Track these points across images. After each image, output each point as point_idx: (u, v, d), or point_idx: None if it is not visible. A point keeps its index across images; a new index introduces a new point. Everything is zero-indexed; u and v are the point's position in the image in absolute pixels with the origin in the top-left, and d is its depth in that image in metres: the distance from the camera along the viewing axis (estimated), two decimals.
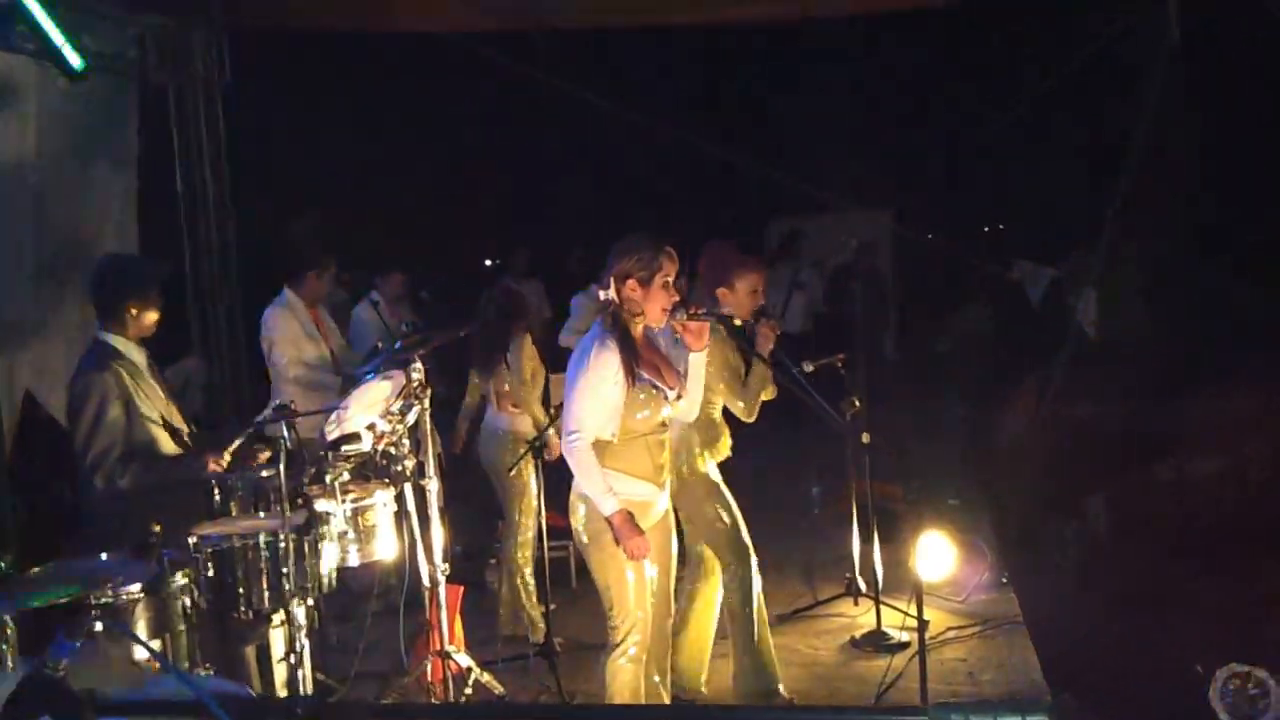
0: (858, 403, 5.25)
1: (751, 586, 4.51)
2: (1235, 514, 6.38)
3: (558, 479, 4.11)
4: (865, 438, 5.14)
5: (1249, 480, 6.85)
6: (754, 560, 4.52)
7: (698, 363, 3.84)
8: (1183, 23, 7.51)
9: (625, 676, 3.68)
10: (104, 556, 3.36)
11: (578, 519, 3.74)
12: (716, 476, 4.59)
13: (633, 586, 3.64)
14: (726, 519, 4.50)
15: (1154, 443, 7.66)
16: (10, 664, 2.61)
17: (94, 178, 6.40)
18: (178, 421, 4.20)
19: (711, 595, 4.69)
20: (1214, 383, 8.15)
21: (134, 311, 4.05)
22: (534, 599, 5.42)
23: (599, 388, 3.59)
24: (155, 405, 4.09)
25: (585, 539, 3.72)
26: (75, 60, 5.23)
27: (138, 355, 4.12)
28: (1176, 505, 6.75)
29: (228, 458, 4.09)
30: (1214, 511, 6.49)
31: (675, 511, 4.17)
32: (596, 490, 3.58)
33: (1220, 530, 6.16)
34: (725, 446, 4.65)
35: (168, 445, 4.10)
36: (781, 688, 4.56)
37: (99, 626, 1.98)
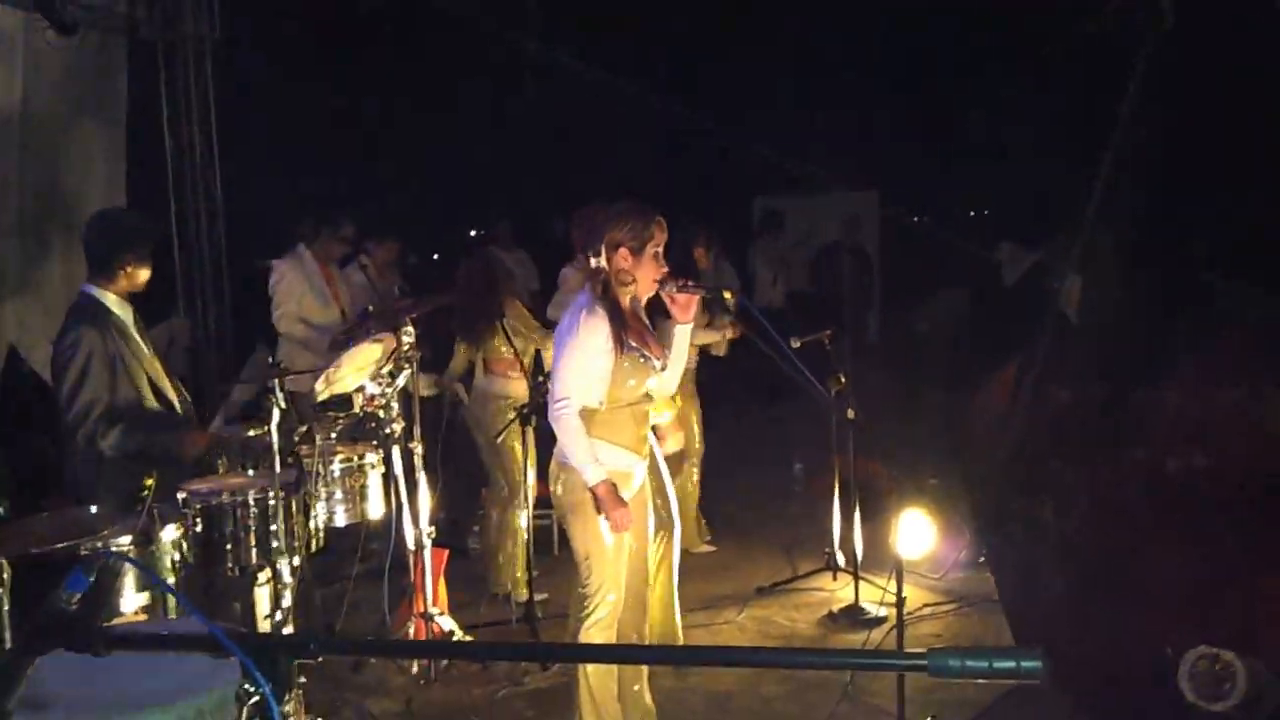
0: (843, 379, 5.28)
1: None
2: (1209, 499, 6.46)
3: (545, 447, 4.12)
4: (850, 414, 5.17)
5: (1223, 466, 6.94)
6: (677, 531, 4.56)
7: (683, 334, 3.83)
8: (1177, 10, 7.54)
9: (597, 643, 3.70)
10: (93, 509, 3.37)
11: (558, 488, 3.74)
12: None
13: (610, 555, 3.65)
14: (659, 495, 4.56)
15: (1131, 427, 7.75)
16: (5, 607, 2.62)
17: (81, 132, 6.35)
18: (164, 381, 4.15)
19: (669, 551, 4.71)
20: (1190, 371, 8.25)
21: (127, 268, 4.00)
22: (520, 563, 5.46)
23: (587, 355, 3.59)
24: (141, 364, 4.05)
25: (565, 508, 3.72)
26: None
27: (125, 312, 4.06)
28: (1151, 489, 6.83)
29: (205, 440, 4.06)
30: (1189, 496, 6.58)
31: None
32: (582, 459, 3.58)
33: (1194, 515, 6.25)
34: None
35: (152, 406, 4.06)
36: None
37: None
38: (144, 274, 4.08)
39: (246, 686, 1.90)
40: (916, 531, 5.65)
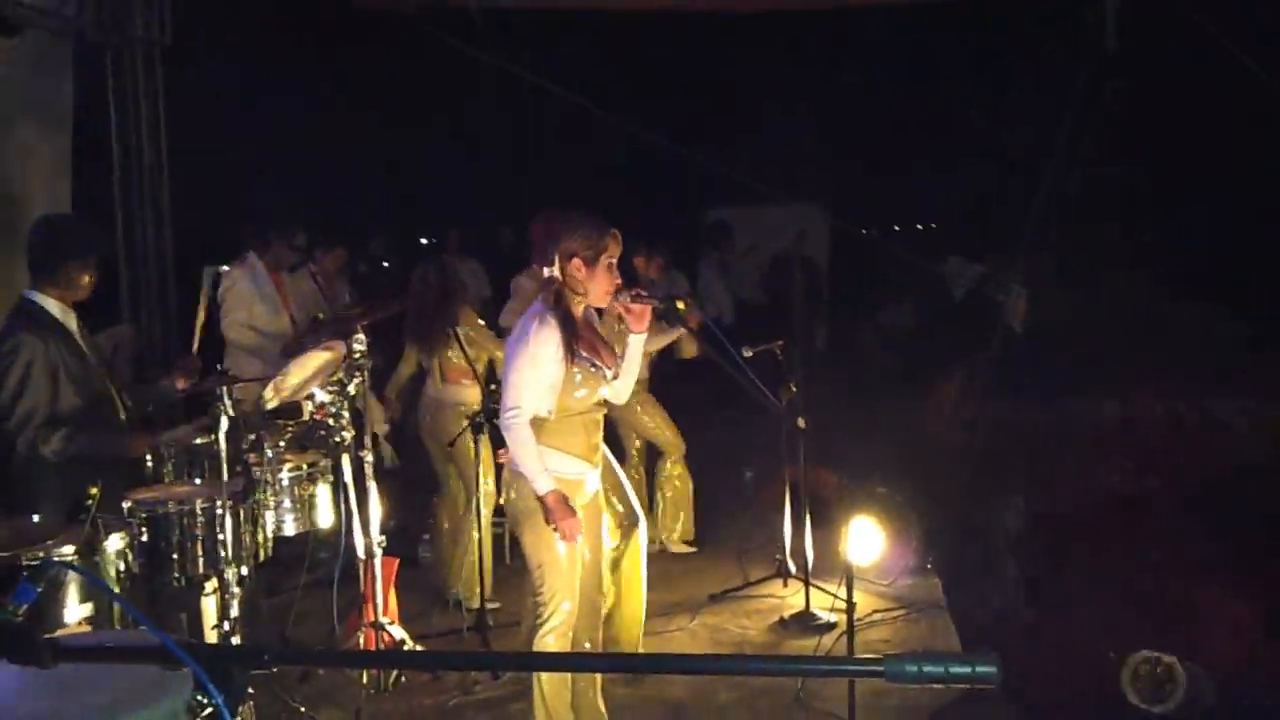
0: (793, 388, 5.33)
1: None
2: (1150, 508, 6.61)
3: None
4: (801, 422, 5.21)
5: (1163, 476, 7.10)
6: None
7: (636, 344, 3.86)
8: (1119, 35, 7.74)
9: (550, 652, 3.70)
10: (36, 518, 3.31)
11: (510, 495, 3.74)
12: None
13: (564, 564, 3.66)
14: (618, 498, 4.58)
15: (1073, 438, 7.91)
16: None
17: (24, 137, 6.22)
18: (106, 388, 4.08)
19: (636, 559, 4.73)
20: (1129, 384, 8.44)
21: (72, 274, 3.93)
22: (472, 572, 5.43)
23: (538, 364, 3.60)
24: (84, 371, 3.98)
25: (517, 516, 3.73)
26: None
27: (68, 318, 3.98)
28: (1094, 498, 6.97)
29: (153, 441, 4.01)
30: (1129, 505, 6.73)
31: None
32: (532, 468, 3.58)
33: (1136, 523, 6.38)
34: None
35: (94, 412, 3.99)
36: None
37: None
38: (88, 281, 4.01)
39: (199, 698, 1.88)
40: (866, 539, 5.71)
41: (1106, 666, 4.46)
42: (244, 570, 3.78)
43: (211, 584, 3.80)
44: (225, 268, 5.92)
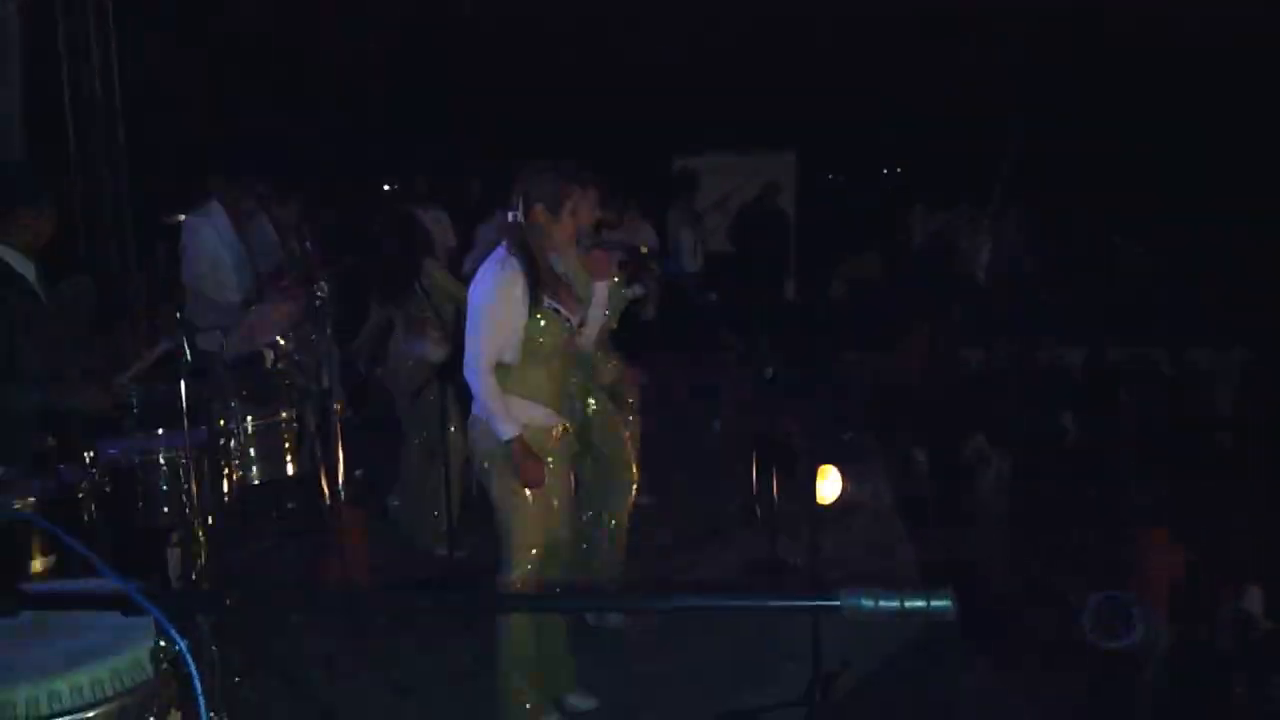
0: (761, 338, 5.35)
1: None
2: (1114, 454, 6.72)
3: (466, 404, 4.10)
4: (768, 372, 5.22)
5: (1126, 421, 7.22)
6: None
7: (601, 291, 3.84)
8: None
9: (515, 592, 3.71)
10: None
11: (476, 444, 3.73)
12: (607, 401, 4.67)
13: (530, 512, 3.66)
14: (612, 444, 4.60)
15: (1039, 386, 8.01)
16: None
17: None
18: (68, 341, 4.01)
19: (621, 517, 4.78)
20: (1096, 332, 8.54)
21: (25, 220, 3.84)
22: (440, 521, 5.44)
23: (502, 310, 3.56)
24: (43, 322, 3.91)
25: (484, 464, 3.71)
26: None
27: (27, 269, 3.89)
28: (1059, 445, 7.08)
29: (110, 393, 3.95)
30: (1094, 451, 6.84)
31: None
32: (497, 414, 3.56)
33: (1099, 468, 6.49)
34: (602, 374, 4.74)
35: (53, 364, 3.92)
36: None
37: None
38: (45, 228, 3.92)
39: (163, 644, 1.87)
40: (830, 485, 5.77)
41: (1066, 605, 4.56)
42: (210, 521, 3.76)
43: (177, 535, 3.77)
44: (186, 217, 5.83)
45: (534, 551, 3.67)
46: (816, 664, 3.90)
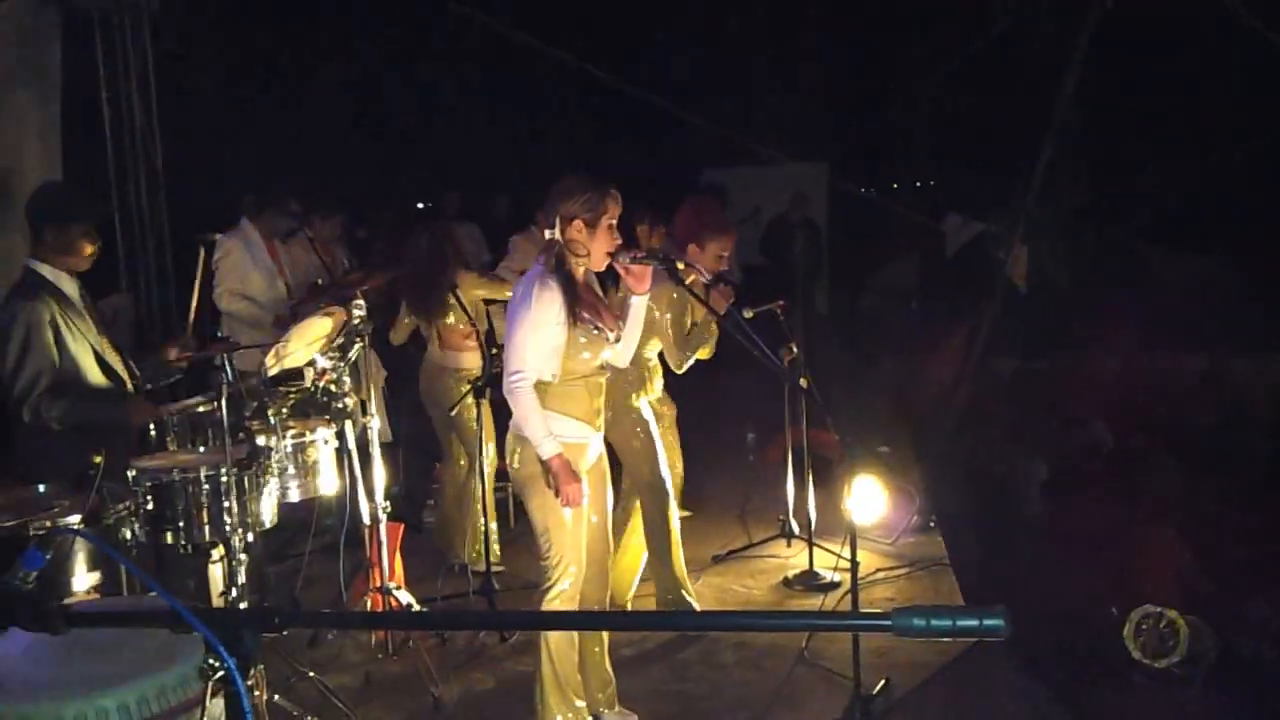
0: (795, 349, 5.32)
1: (669, 519, 4.65)
2: (1153, 465, 6.62)
3: (502, 419, 4.11)
4: (803, 383, 5.20)
5: (1166, 432, 7.11)
6: (670, 497, 4.67)
7: (638, 306, 3.83)
8: None
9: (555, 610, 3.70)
10: (41, 488, 3.30)
11: (514, 461, 3.73)
12: (648, 414, 4.66)
13: (569, 528, 3.65)
14: (647, 457, 4.59)
15: (1074, 394, 7.92)
16: None
17: (14, 104, 6.17)
18: (111, 355, 4.08)
19: (639, 523, 4.80)
20: (1129, 341, 8.45)
21: (72, 239, 3.90)
22: (476, 536, 5.45)
23: (541, 328, 3.57)
24: (87, 338, 3.97)
25: (523, 481, 3.71)
26: None
27: (70, 286, 3.97)
28: (1097, 455, 6.99)
29: (152, 407, 4.00)
30: (1134, 461, 6.74)
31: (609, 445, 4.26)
32: (537, 432, 3.57)
33: (1139, 479, 6.40)
34: (655, 388, 4.73)
35: (98, 379, 3.99)
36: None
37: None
38: (90, 249, 3.99)
39: (210, 662, 1.87)
40: (868, 498, 5.73)
41: (1110, 621, 4.48)
42: (249, 537, 3.77)
43: (217, 551, 3.79)
44: (219, 235, 5.87)
45: (573, 568, 3.66)
46: (857, 682, 3.87)
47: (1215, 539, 5.47)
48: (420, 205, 13.54)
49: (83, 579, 3.04)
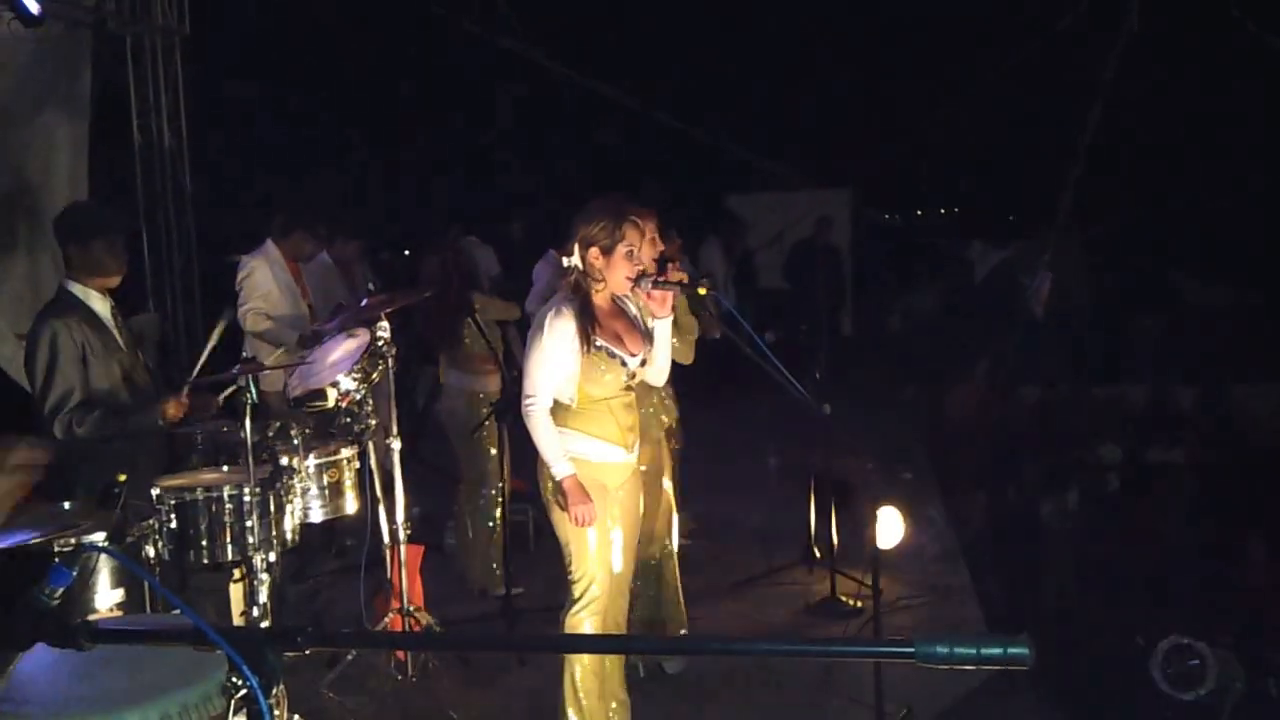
0: (818, 374, 5.31)
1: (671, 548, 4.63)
2: (1180, 494, 6.55)
3: (520, 442, 4.11)
4: (826, 408, 5.18)
5: (1192, 462, 7.04)
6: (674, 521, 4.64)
7: (663, 329, 3.84)
8: (1143, 14, 7.66)
9: (584, 633, 3.70)
10: (67, 505, 3.33)
11: (544, 477, 3.74)
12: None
13: (593, 545, 3.66)
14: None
15: (1098, 424, 7.86)
16: None
17: (44, 126, 6.26)
18: (140, 375, 4.11)
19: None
20: (1157, 367, 8.38)
21: (99, 255, 3.95)
22: (496, 558, 5.45)
23: (554, 354, 3.60)
24: (115, 358, 4.00)
25: (549, 497, 3.73)
26: (34, 6, 5.10)
27: (100, 304, 4.02)
28: (1122, 483, 6.92)
29: (185, 402, 4.01)
30: (1159, 491, 6.67)
31: None
32: (550, 453, 3.60)
33: (1165, 509, 6.33)
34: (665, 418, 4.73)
35: (125, 398, 4.02)
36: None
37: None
38: (115, 264, 4.02)
39: (233, 680, 1.87)
40: (891, 525, 5.68)
41: (1136, 652, 4.42)
42: (271, 557, 3.79)
43: (239, 570, 3.82)
44: (243, 257, 5.92)
45: (594, 586, 3.66)
46: (879, 710, 3.83)
47: (1244, 569, 5.40)
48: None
49: (107, 596, 3.05)
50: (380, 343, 4.45)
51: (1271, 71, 8.76)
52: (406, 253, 10.59)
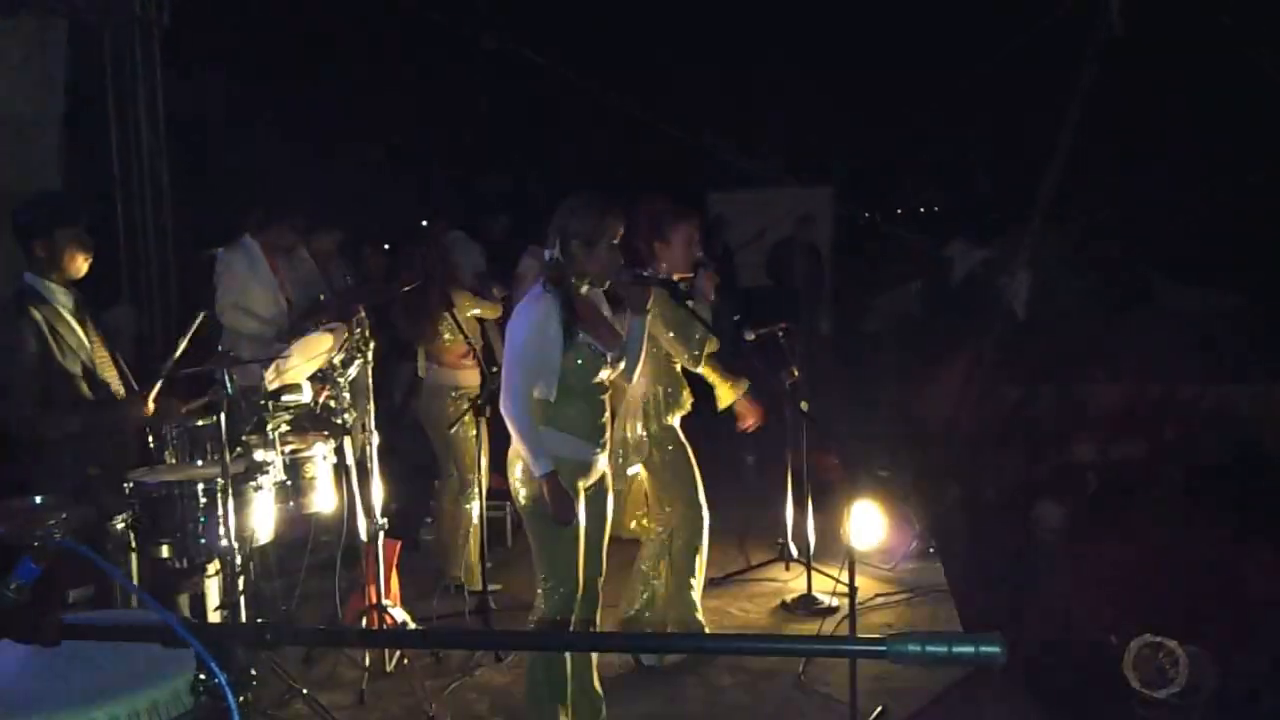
0: (796, 372, 5.32)
1: (698, 545, 4.59)
2: (1152, 492, 6.60)
3: (499, 438, 4.10)
4: (804, 405, 5.19)
5: (1166, 460, 7.09)
6: (705, 521, 4.60)
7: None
8: (1125, 16, 7.70)
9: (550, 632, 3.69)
10: (38, 499, 3.29)
11: (515, 477, 3.72)
12: (679, 434, 4.65)
13: (564, 546, 3.64)
14: (686, 477, 4.58)
15: (1076, 421, 7.90)
16: None
17: (19, 119, 6.19)
18: (107, 370, 4.01)
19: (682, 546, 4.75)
20: (1132, 367, 8.43)
21: (60, 245, 3.82)
22: (473, 555, 5.43)
23: (536, 345, 3.57)
24: (79, 354, 3.86)
25: (522, 498, 3.71)
26: None
27: (64, 298, 3.88)
28: (1097, 482, 6.96)
29: (152, 404, 3.94)
30: (1132, 489, 6.72)
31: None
32: (531, 450, 3.56)
33: (1137, 507, 6.37)
34: (687, 402, 4.69)
35: (89, 394, 3.91)
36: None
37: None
38: (82, 255, 3.89)
39: (202, 677, 1.86)
40: (868, 522, 5.71)
41: (1108, 650, 4.45)
42: (245, 552, 3.76)
43: (213, 566, 3.79)
44: (221, 251, 5.87)
45: (565, 587, 3.65)
46: (853, 708, 3.84)
47: (1216, 567, 5.44)
48: (424, 222, 13.56)
49: (76, 592, 3.03)
50: (358, 336, 4.44)
51: (1252, 74, 8.83)
52: (386, 247, 10.52)
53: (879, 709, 4.11)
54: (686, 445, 4.65)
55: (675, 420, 4.62)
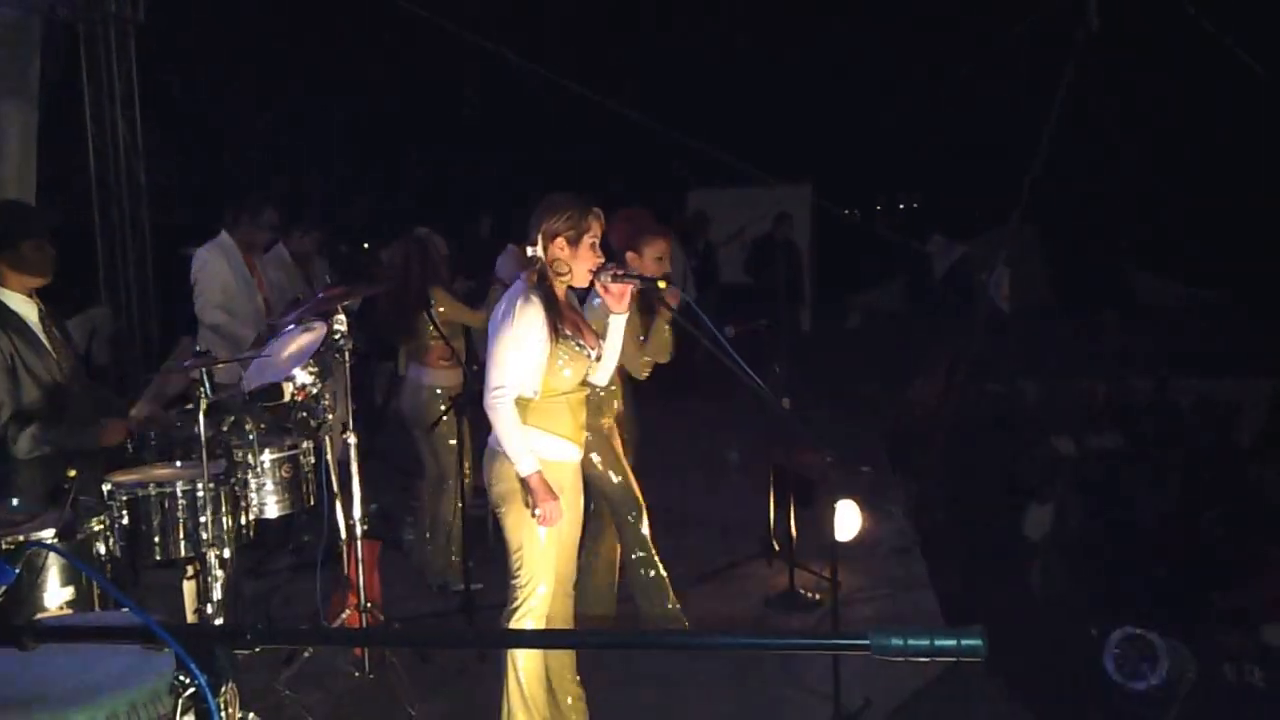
0: (778, 369, 5.32)
1: (643, 535, 4.61)
2: (1131, 486, 6.65)
3: (480, 437, 4.09)
4: (785, 403, 5.20)
5: (1145, 453, 7.14)
6: (643, 512, 4.62)
7: (617, 325, 3.82)
8: (1103, 14, 7.73)
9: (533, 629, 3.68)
10: (15, 501, 3.26)
11: (491, 477, 3.70)
12: (610, 433, 4.65)
13: (543, 546, 3.63)
14: (618, 475, 4.58)
15: (1056, 418, 7.95)
16: None
17: None
18: (77, 380, 3.90)
19: (613, 542, 4.78)
20: (1113, 362, 8.49)
21: (26, 255, 3.73)
22: (455, 554, 5.42)
23: (523, 344, 3.55)
24: (44, 362, 3.77)
25: (498, 498, 3.69)
26: None
27: (29, 309, 3.80)
28: (1075, 476, 7.00)
29: (129, 427, 3.89)
30: (1111, 483, 6.76)
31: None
32: (516, 449, 3.54)
33: (1117, 500, 6.42)
34: (617, 404, 4.71)
35: (63, 407, 3.82)
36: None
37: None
38: (45, 264, 3.80)
39: (181, 678, 1.85)
40: (850, 518, 5.71)
41: (1089, 642, 4.48)
42: (226, 553, 3.74)
43: (193, 567, 3.76)
44: (198, 249, 5.84)
45: (541, 587, 3.64)
46: (837, 702, 3.85)
47: (1196, 559, 5.49)
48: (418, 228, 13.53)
49: (55, 594, 2.99)
50: (337, 336, 4.41)
51: (1232, 73, 8.89)
52: (366, 246, 10.50)
53: (863, 702, 4.12)
54: (615, 440, 4.64)
55: (604, 420, 4.63)
